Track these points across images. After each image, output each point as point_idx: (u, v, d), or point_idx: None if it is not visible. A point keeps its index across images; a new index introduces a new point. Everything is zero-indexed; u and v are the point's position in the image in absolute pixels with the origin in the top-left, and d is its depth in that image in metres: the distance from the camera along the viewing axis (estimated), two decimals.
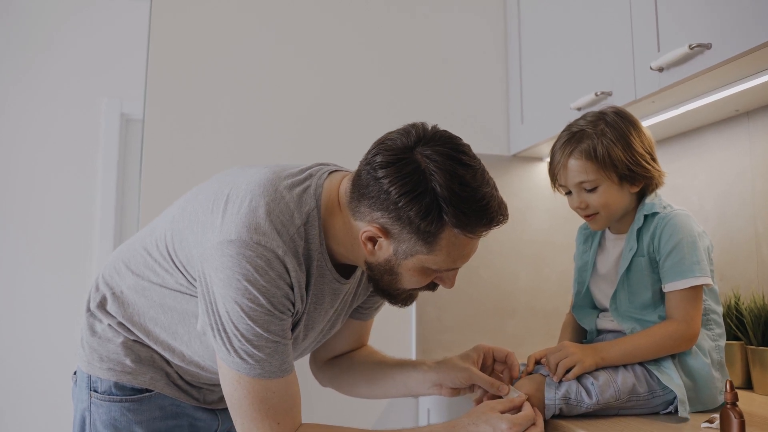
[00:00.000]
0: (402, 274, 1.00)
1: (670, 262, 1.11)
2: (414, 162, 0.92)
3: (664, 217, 1.14)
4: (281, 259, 0.95)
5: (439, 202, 0.91)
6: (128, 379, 1.09)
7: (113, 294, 1.12)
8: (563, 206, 2.05)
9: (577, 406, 1.06)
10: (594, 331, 1.27)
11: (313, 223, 1.00)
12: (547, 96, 1.83)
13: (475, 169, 0.94)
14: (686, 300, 1.10)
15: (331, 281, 1.06)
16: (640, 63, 1.38)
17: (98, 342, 1.11)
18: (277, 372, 0.97)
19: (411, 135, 0.95)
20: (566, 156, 1.16)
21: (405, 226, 0.93)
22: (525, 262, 2.02)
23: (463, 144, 0.97)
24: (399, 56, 2.00)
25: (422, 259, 0.96)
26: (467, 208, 0.92)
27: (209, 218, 0.99)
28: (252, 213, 0.95)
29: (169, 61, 1.80)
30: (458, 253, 0.97)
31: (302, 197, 1.00)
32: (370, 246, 0.98)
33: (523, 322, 2.00)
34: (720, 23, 1.16)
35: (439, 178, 0.90)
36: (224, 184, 1.03)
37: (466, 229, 0.93)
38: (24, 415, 2.44)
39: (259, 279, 0.93)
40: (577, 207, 1.20)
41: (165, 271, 1.06)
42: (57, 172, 2.63)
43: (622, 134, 1.14)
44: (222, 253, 0.93)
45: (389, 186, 0.91)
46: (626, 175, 1.14)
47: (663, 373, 1.09)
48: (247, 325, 0.93)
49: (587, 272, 1.28)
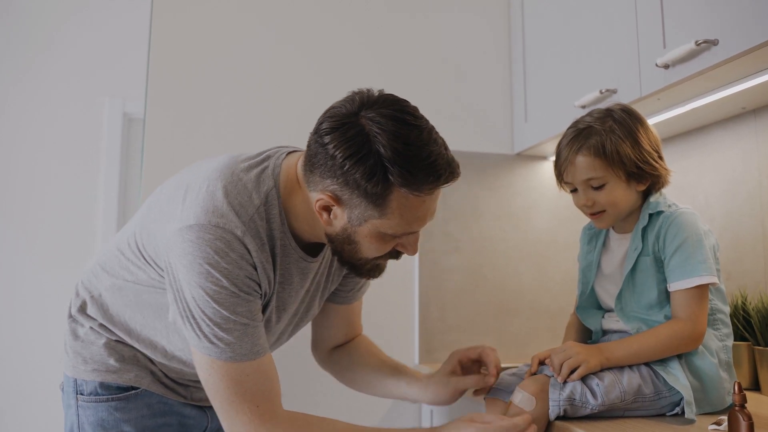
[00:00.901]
0: (360, 242, 1.00)
1: (676, 261, 1.09)
2: (358, 125, 0.93)
3: (669, 215, 1.12)
4: (241, 239, 0.95)
5: (384, 162, 0.91)
6: (113, 378, 1.10)
7: (92, 297, 1.13)
8: (567, 205, 2.05)
9: (581, 407, 1.05)
10: (599, 331, 1.26)
11: (272, 202, 1.01)
12: (551, 94, 1.82)
13: (420, 128, 0.94)
14: (692, 299, 1.08)
15: (298, 260, 1.07)
16: (646, 60, 1.37)
17: (81, 345, 1.12)
18: (249, 354, 0.97)
19: (355, 101, 0.96)
20: (574, 152, 1.15)
21: (354, 190, 0.93)
22: (529, 261, 2.01)
23: (408, 106, 0.98)
24: (400, 55, 1.98)
25: (376, 224, 0.97)
26: (412, 167, 0.91)
27: (170, 208, 1.00)
28: (210, 197, 0.96)
29: (170, 61, 1.79)
30: (412, 215, 0.97)
31: (260, 177, 1.01)
32: (325, 216, 0.98)
33: (527, 322, 1.98)
34: (727, 19, 1.14)
35: (382, 139, 0.91)
36: (185, 176, 1.05)
37: (414, 188, 0.93)
38: (24, 416, 2.43)
39: (221, 261, 0.94)
40: (583, 205, 1.18)
41: (138, 268, 1.07)
42: (60, 172, 2.63)
43: (630, 131, 1.13)
44: (183, 239, 0.94)
45: (334, 150, 0.92)
46: (634, 172, 1.13)
47: (669, 373, 1.07)
48: (213, 308, 0.94)
49: (592, 272, 1.26)
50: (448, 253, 1.94)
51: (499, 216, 2.00)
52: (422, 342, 1.89)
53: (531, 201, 2.03)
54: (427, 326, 1.90)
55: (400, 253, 1.06)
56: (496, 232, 1.99)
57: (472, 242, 1.96)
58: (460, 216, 1.96)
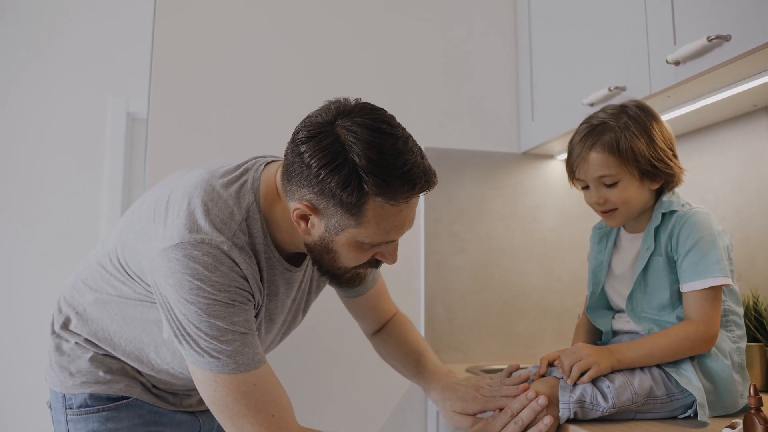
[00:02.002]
0: (338, 251, 0.99)
1: (689, 261, 1.07)
2: (333, 134, 0.92)
3: (682, 215, 1.10)
4: (227, 254, 0.95)
5: (359, 171, 0.90)
6: (103, 389, 1.08)
7: (76, 313, 1.12)
8: (575, 205, 2.05)
9: (592, 409, 1.03)
10: (609, 332, 1.24)
11: (254, 216, 1.00)
12: (558, 91, 1.80)
13: (396, 137, 0.93)
14: (705, 300, 1.06)
15: (282, 271, 1.07)
16: (656, 56, 1.35)
17: (67, 360, 1.11)
18: (252, 363, 0.96)
19: (331, 110, 0.95)
20: (587, 149, 1.13)
21: (329, 199, 0.92)
22: (536, 261, 1.99)
23: (385, 114, 0.97)
24: (405, 54, 1.97)
25: (353, 234, 0.96)
26: (387, 176, 0.90)
27: (152, 227, 0.99)
28: (191, 215, 0.96)
29: (173, 60, 1.78)
30: (389, 225, 0.96)
31: (240, 193, 1.00)
32: (303, 225, 0.98)
33: (534, 323, 1.97)
34: (739, 14, 1.12)
35: (357, 148, 0.90)
36: (164, 190, 1.04)
37: (389, 197, 0.92)
38: (24, 416, 2.42)
39: (211, 275, 0.93)
40: (594, 202, 1.16)
41: (121, 283, 1.06)
42: (63, 172, 2.62)
43: (645, 128, 1.11)
44: (168, 258, 0.93)
45: (310, 159, 0.91)
46: (648, 171, 1.11)
47: (681, 375, 1.05)
48: (208, 322, 0.93)
49: (602, 272, 1.24)
50: (454, 253, 1.92)
51: (505, 216, 1.98)
52: (429, 343, 1.86)
53: (538, 200, 2.01)
54: (434, 327, 1.89)
55: (380, 262, 1.05)
56: (502, 232, 1.97)
57: (478, 242, 1.95)
58: (466, 216, 1.95)
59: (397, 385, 1.83)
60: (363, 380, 1.85)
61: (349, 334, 1.82)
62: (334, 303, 1.38)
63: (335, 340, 1.83)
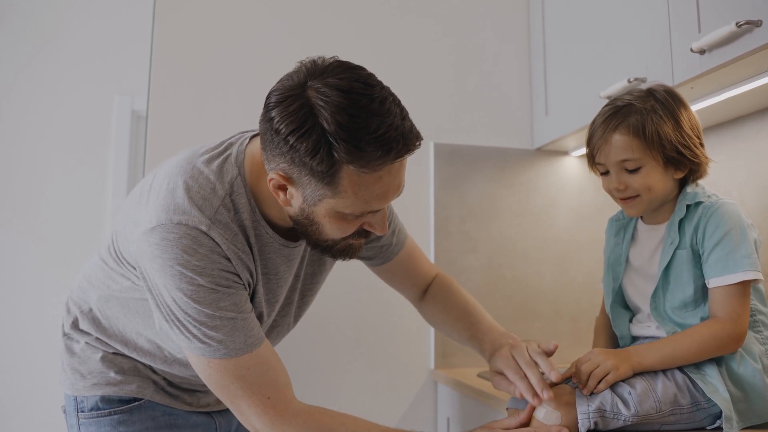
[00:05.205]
0: (321, 222, 0.93)
1: (717, 254, 1.01)
2: (303, 98, 0.85)
3: (710, 206, 1.04)
4: (207, 233, 0.90)
5: (328, 137, 0.83)
6: (114, 391, 1.06)
7: (82, 312, 1.11)
8: (589, 203, 1.98)
9: (613, 418, 0.96)
10: (627, 336, 1.17)
11: (239, 191, 0.96)
12: (573, 84, 1.73)
13: (371, 97, 0.85)
14: (732, 296, 1.00)
15: (279, 248, 1.02)
16: (679, 45, 1.28)
17: (78, 361, 1.10)
18: (244, 348, 0.93)
19: (301, 71, 0.89)
20: (610, 131, 1.07)
21: (301, 168, 0.86)
22: (550, 261, 1.94)
23: (362, 73, 0.88)
24: (414, 47, 1.91)
25: (331, 204, 0.89)
26: (358, 141, 0.83)
27: (136, 211, 0.96)
28: (170, 195, 0.92)
29: (173, 57, 1.74)
30: (369, 194, 0.88)
31: (223, 167, 0.96)
32: (282, 196, 0.92)
33: (548, 324, 1.91)
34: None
35: (326, 112, 0.83)
36: (149, 177, 1.01)
37: (361, 164, 0.84)
38: (25, 416, 2.40)
39: (191, 259, 0.89)
40: (614, 188, 1.10)
41: (121, 276, 1.04)
42: (68, 170, 2.61)
43: (673, 113, 1.06)
44: (148, 242, 0.90)
45: (279, 125, 0.85)
46: (673, 157, 1.05)
47: (707, 383, 0.98)
48: (195, 308, 0.90)
49: (621, 267, 1.18)
50: (465, 252, 1.87)
51: (518, 214, 1.92)
52: (438, 346, 1.83)
53: (551, 198, 1.96)
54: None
55: (368, 233, 0.98)
56: (515, 231, 1.92)
57: (490, 241, 1.89)
58: (478, 214, 1.89)
59: (406, 388, 1.80)
60: (372, 382, 1.80)
61: (358, 333, 1.79)
62: (341, 298, 1.32)
63: (344, 340, 1.79)
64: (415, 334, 1.83)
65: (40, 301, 2.48)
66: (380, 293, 1.80)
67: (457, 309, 1.25)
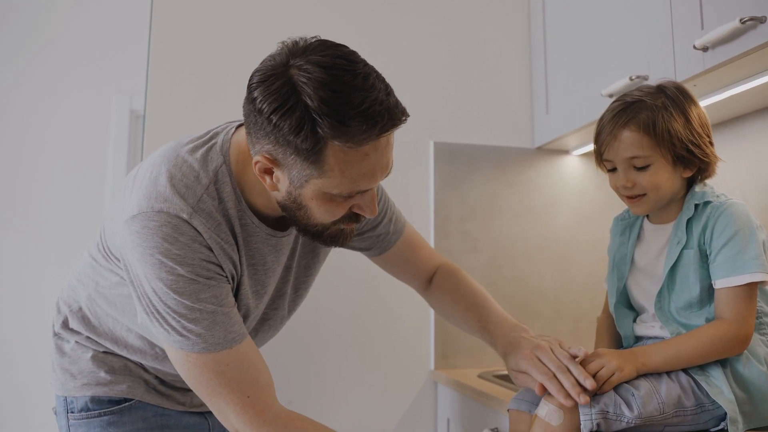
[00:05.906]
0: (309, 206, 0.92)
1: (725, 255, 0.99)
2: (285, 76, 0.84)
3: (718, 206, 1.02)
4: (188, 222, 0.89)
5: (311, 113, 0.82)
6: (104, 392, 1.05)
7: (72, 311, 1.10)
8: (590, 202, 1.97)
9: (616, 420, 0.95)
10: (631, 337, 1.16)
11: (223, 180, 0.95)
12: (574, 82, 1.72)
13: (354, 73, 0.84)
14: (739, 298, 0.98)
15: (266, 238, 1.00)
16: (681, 41, 1.27)
17: (69, 361, 1.08)
18: (223, 343, 0.91)
19: (284, 50, 0.88)
20: (620, 127, 1.05)
21: (286, 147, 0.85)
22: (550, 261, 1.93)
23: (344, 50, 0.88)
24: (413, 45, 1.90)
25: (318, 185, 0.88)
26: (342, 116, 0.82)
27: (121, 202, 0.95)
28: (153, 183, 0.91)
29: (170, 56, 1.73)
30: (356, 172, 0.87)
31: (207, 156, 0.95)
32: (268, 180, 0.91)
33: (549, 325, 1.90)
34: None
35: (309, 88, 0.82)
36: (136, 167, 1.01)
37: (346, 139, 0.83)
38: (25, 416, 2.38)
39: (171, 248, 0.88)
40: (622, 186, 1.08)
41: (109, 272, 1.03)
42: (66, 169, 2.60)
43: (683, 110, 1.04)
44: (130, 231, 0.89)
45: (261, 105, 0.84)
46: (682, 156, 1.04)
47: (712, 385, 0.97)
48: (174, 299, 0.88)
49: (626, 266, 1.16)
50: (465, 252, 1.86)
51: (518, 213, 1.91)
52: (438, 347, 1.81)
53: (552, 198, 1.94)
54: (444, 331, 1.82)
55: (360, 216, 0.97)
56: (515, 231, 1.90)
57: (490, 241, 1.88)
58: (478, 213, 1.88)
59: (406, 389, 1.79)
60: (371, 383, 1.79)
61: (358, 334, 1.78)
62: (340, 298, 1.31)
63: (343, 340, 1.78)
64: (414, 334, 1.82)
65: (37, 301, 2.47)
66: (380, 294, 1.80)
67: (465, 300, 1.23)
